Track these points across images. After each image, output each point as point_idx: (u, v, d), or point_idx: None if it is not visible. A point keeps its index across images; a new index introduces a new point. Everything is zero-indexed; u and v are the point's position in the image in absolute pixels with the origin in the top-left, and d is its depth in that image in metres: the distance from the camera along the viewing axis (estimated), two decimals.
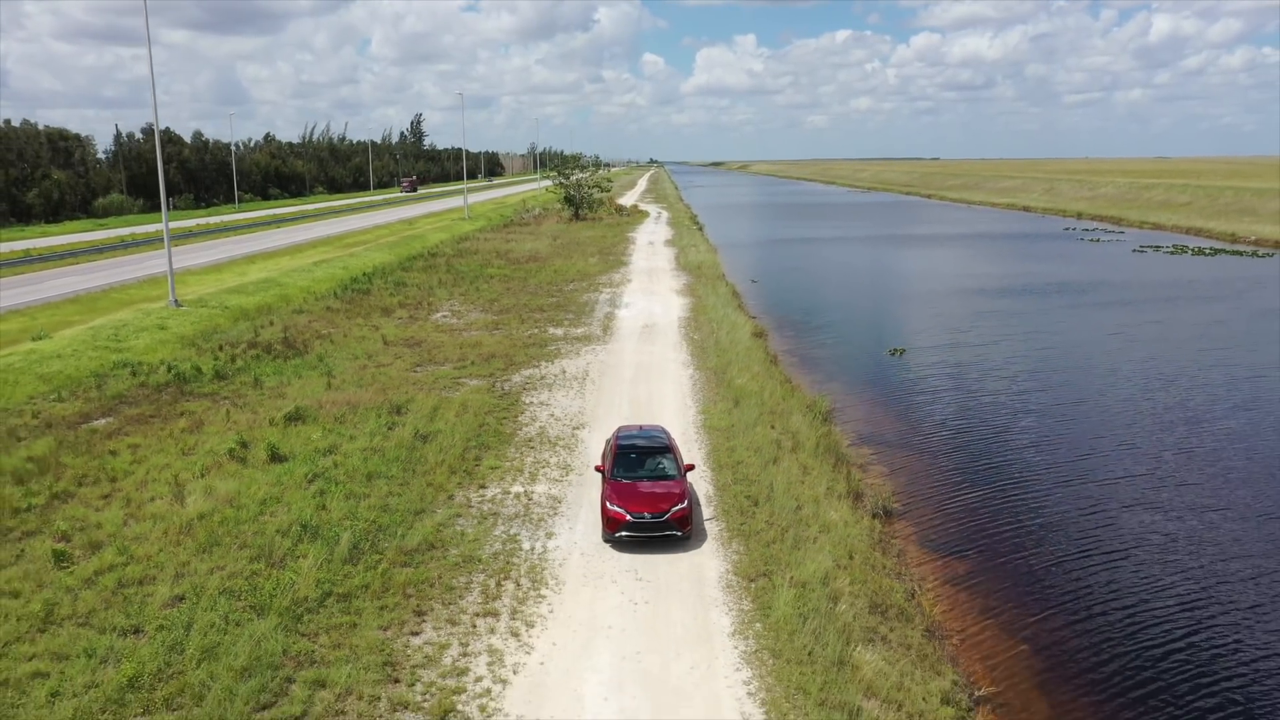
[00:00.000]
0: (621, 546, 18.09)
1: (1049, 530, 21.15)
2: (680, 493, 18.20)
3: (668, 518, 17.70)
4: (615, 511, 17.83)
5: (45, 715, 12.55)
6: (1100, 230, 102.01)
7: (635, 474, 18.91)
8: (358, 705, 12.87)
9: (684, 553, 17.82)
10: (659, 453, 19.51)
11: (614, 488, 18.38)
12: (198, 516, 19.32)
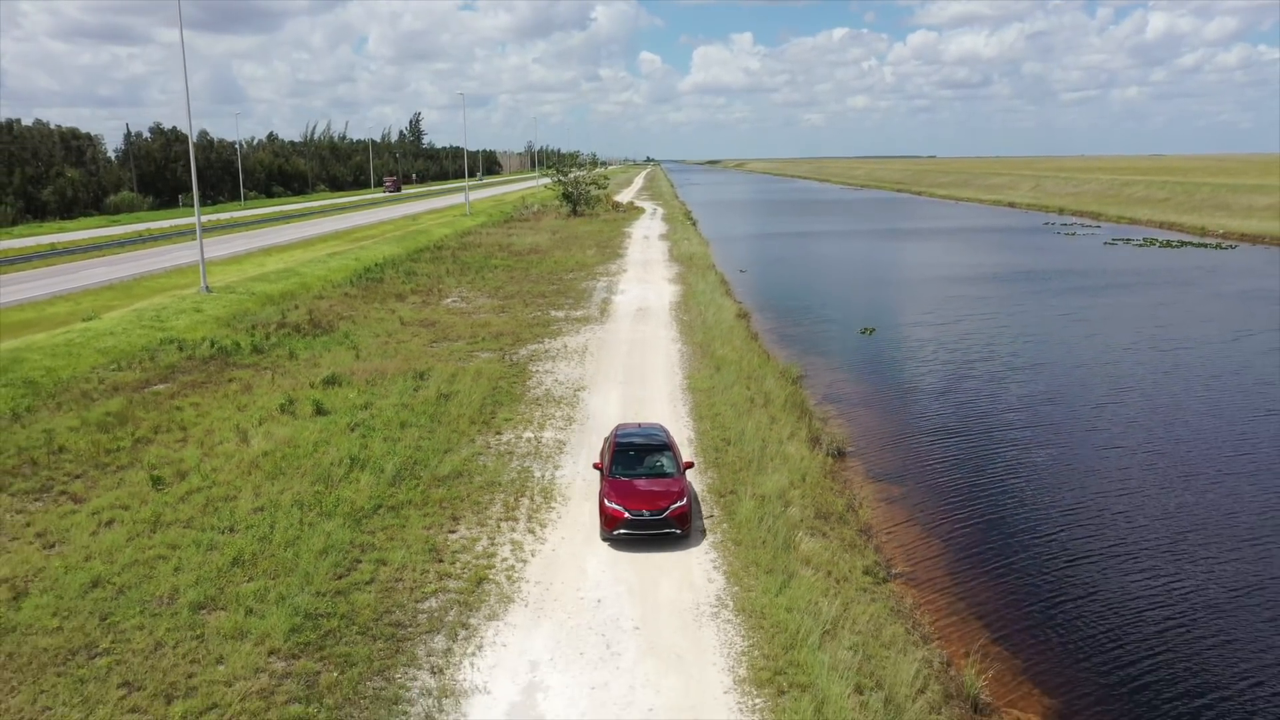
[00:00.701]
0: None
1: (977, 464, 25.15)
2: (679, 490, 18.12)
3: (666, 515, 17.60)
4: (613, 509, 17.73)
5: (174, 580, 16.39)
6: (1078, 225, 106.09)
7: (634, 471, 18.84)
8: (412, 575, 16.73)
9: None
10: (657, 450, 19.46)
11: (612, 485, 18.31)
12: (262, 454, 23.17)
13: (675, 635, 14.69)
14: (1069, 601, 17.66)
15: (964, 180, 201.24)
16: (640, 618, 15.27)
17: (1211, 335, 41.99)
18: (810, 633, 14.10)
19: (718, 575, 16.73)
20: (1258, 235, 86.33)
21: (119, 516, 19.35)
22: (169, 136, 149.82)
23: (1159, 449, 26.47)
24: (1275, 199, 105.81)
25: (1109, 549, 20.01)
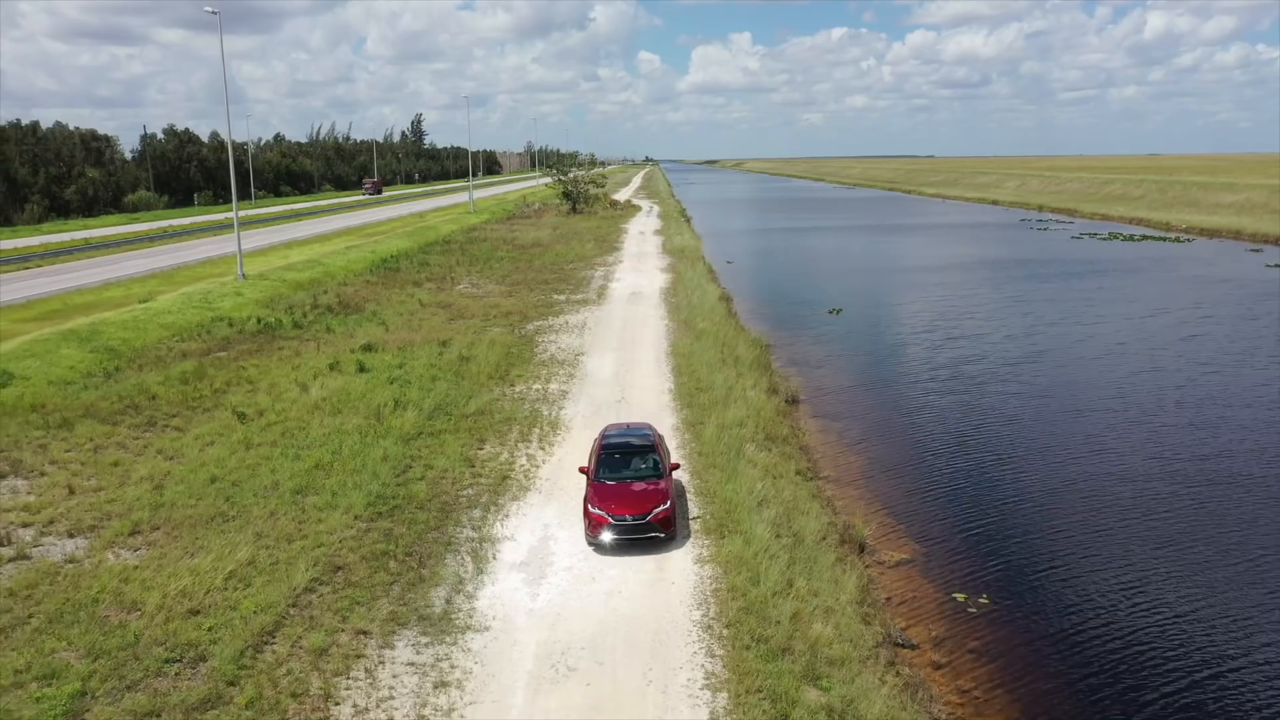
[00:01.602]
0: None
1: (904, 407, 30.73)
2: (663, 493, 18.06)
3: (649, 520, 17.58)
4: (597, 514, 17.74)
5: (274, 477, 21.68)
6: (1052, 220, 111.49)
7: (619, 475, 18.82)
8: (453, 473, 22.03)
9: (650, 413, 27.02)
10: (643, 452, 19.42)
11: (596, 490, 18.34)
12: (321, 399, 28.48)
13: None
14: (945, 487, 22.96)
15: (953, 179, 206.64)
16: None
17: (1131, 312, 47.58)
18: (746, 504, 19.41)
19: (684, 474, 22.05)
20: (1216, 229, 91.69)
21: (217, 440, 24.68)
22: (182, 138, 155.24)
23: (1046, 391, 31.95)
24: (1241, 196, 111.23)
25: (986, 454, 25.33)
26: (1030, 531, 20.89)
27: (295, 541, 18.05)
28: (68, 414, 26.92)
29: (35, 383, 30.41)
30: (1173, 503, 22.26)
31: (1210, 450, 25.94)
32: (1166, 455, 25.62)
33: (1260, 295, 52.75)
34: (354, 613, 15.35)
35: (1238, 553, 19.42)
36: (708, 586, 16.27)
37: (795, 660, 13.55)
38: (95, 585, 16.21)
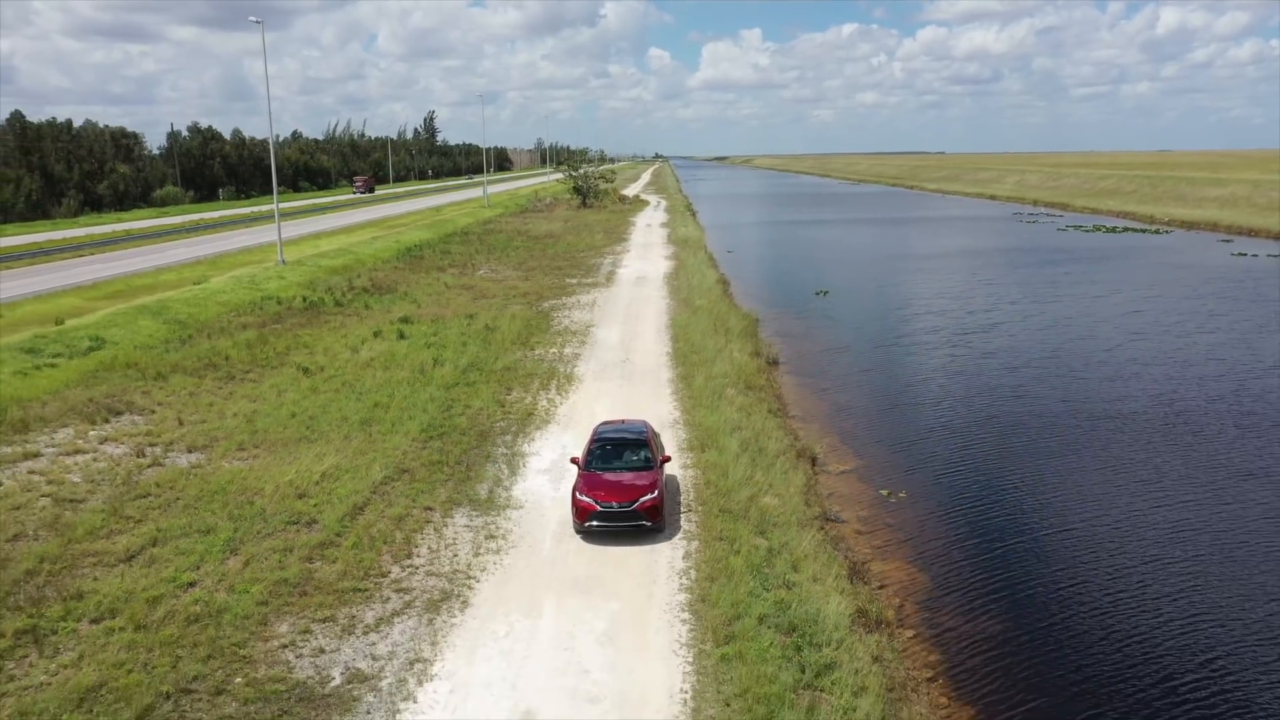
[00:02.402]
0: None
1: (870, 366, 35.41)
2: (651, 483, 18.14)
3: (635, 507, 17.67)
4: (584, 501, 17.89)
5: (343, 412, 26.67)
6: (1044, 215, 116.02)
7: (609, 465, 19.05)
8: (487, 411, 27.00)
9: (649, 369, 31.97)
10: (634, 445, 19.63)
11: (585, 479, 18.54)
12: (370, 359, 33.51)
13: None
14: (888, 422, 27.79)
15: (955, 175, 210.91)
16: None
17: (1087, 292, 52.56)
18: (723, 429, 24.33)
19: (677, 410, 27.01)
20: (1195, 222, 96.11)
21: (289, 388, 29.72)
22: (206, 135, 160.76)
23: (990, 353, 36.73)
24: (1226, 191, 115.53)
25: (926, 398, 30.17)
26: (947, 451, 26.02)
27: (368, 454, 23.06)
28: (160, 369, 32.03)
29: (124, 347, 35.57)
30: (1067, 431, 27.13)
31: (1116, 394, 31.09)
32: (1075, 400, 30.72)
33: (1209, 278, 57.50)
34: (420, 497, 20.34)
35: (1088, 455, 24.20)
36: (689, 480, 21.23)
37: (749, 522, 18.48)
38: (221, 480, 21.24)
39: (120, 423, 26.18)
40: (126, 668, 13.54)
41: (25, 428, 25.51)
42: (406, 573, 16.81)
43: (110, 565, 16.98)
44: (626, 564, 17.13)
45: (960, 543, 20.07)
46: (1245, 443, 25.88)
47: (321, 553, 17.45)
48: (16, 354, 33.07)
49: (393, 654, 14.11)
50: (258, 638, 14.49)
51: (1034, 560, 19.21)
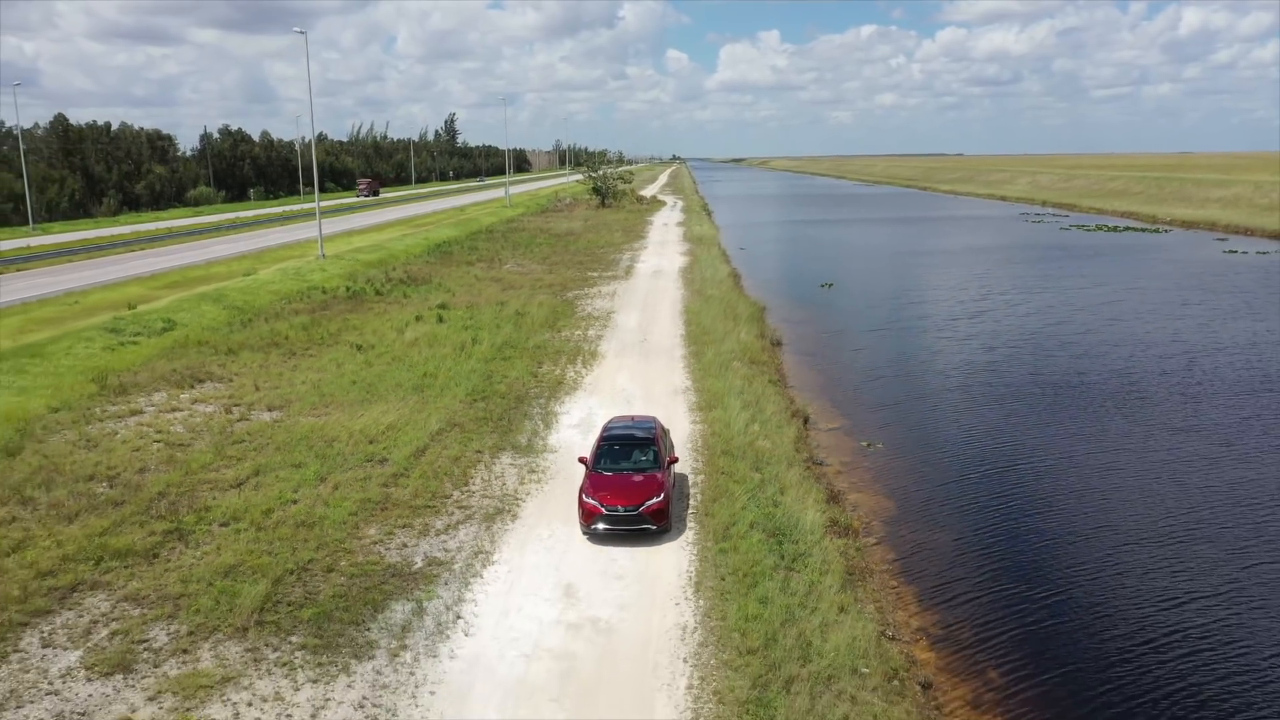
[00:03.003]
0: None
1: (865, 346, 39.01)
2: (657, 485, 18.14)
3: (641, 511, 17.69)
4: (590, 504, 17.96)
5: (397, 380, 30.58)
6: (1050, 215, 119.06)
7: (616, 466, 19.05)
8: (523, 380, 30.83)
9: (664, 348, 35.74)
10: (641, 445, 19.60)
11: (592, 480, 18.59)
12: (414, 339, 37.42)
13: (664, 397, 28.72)
14: (875, 390, 31.39)
15: (969, 176, 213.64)
16: (644, 396, 29.27)
17: (1074, 285, 56.07)
18: (728, 393, 28.06)
19: (688, 380, 30.78)
20: (1194, 222, 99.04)
21: (345, 362, 33.66)
22: (236, 137, 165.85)
23: (972, 335, 40.27)
24: (1230, 192, 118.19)
25: (909, 369, 33.77)
26: (921, 414, 30.03)
27: (424, 411, 26.94)
28: (229, 346, 36.08)
29: (193, 328, 39.67)
30: (1029, 397, 30.71)
31: (1079, 368, 34.92)
32: (1041, 373, 34.57)
33: (1192, 273, 60.87)
34: (471, 443, 24.18)
35: (1046, 416, 27.72)
36: (698, 432, 25.00)
37: (746, 460, 22.21)
38: (301, 430, 25.15)
39: (204, 388, 30.20)
40: (255, 554, 17.43)
41: (124, 391, 29.57)
42: (465, 496, 20.65)
43: (224, 489, 20.89)
44: None
45: (923, 481, 23.83)
46: (1184, 407, 29.50)
47: (394, 481, 21.32)
48: (103, 333, 37.23)
49: (460, 548, 17.94)
50: (353, 537, 18.34)
51: (982, 491, 22.96)
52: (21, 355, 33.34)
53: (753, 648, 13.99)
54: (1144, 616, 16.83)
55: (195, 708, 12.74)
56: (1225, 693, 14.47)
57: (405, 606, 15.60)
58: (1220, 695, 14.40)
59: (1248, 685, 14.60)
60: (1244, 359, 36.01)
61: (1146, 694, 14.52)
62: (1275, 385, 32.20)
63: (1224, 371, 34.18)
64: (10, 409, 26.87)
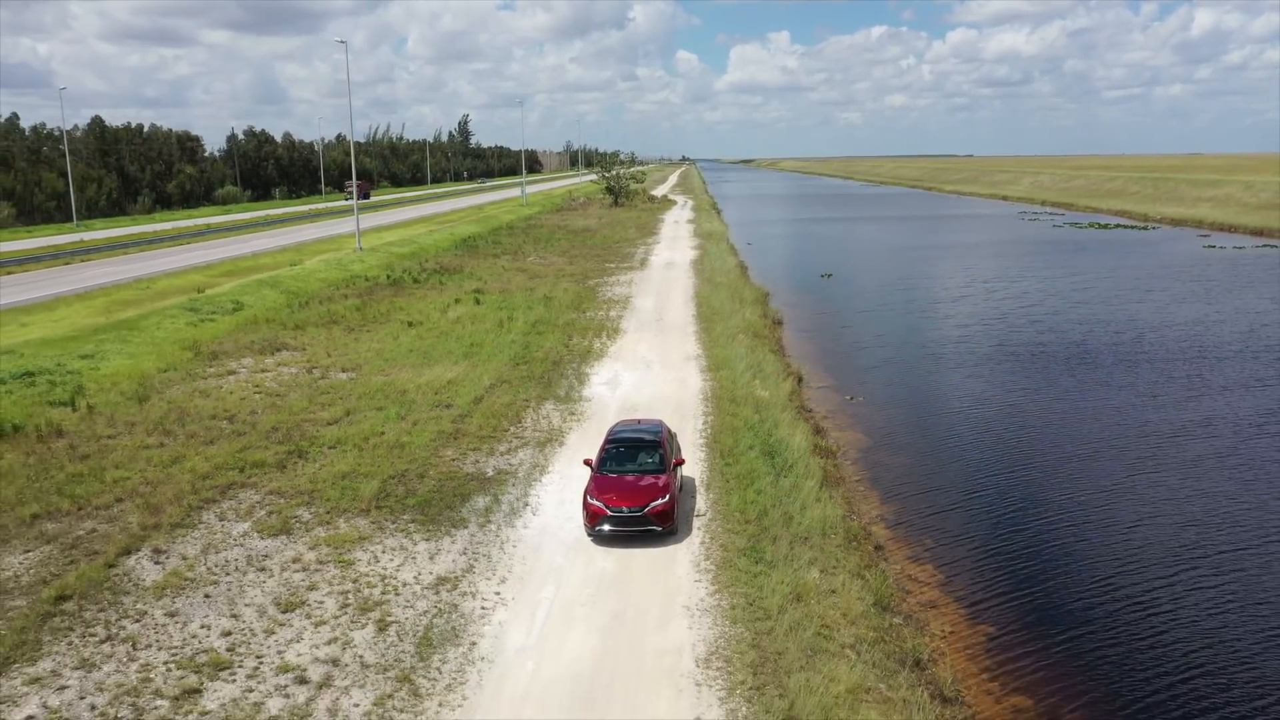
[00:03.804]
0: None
1: (860, 331, 43.78)
2: (662, 487, 18.14)
3: (646, 513, 17.68)
4: (595, 506, 17.93)
5: (448, 350, 35.48)
6: (1047, 214, 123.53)
7: (621, 468, 19.07)
8: (556, 349, 35.72)
9: (678, 325, 40.59)
10: (647, 447, 19.57)
11: (597, 482, 18.58)
12: (456, 318, 42.36)
13: (677, 363, 33.56)
14: (859, 355, 36.13)
15: (973, 177, 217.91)
16: (661, 361, 34.12)
17: (1053, 274, 60.76)
18: (733, 360, 32.87)
19: (699, 349, 35.64)
20: (1183, 220, 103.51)
21: (400, 335, 38.60)
22: (260, 138, 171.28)
23: (949, 315, 45.00)
24: (1221, 192, 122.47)
25: (891, 340, 38.51)
26: (898, 376, 34.87)
27: (476, 370, 31.85)
28: (295, 323, 41.08)
29: (257, 309, 44.68)
30: (992, 362, 35.45)
31: (1041, 340, 40.17)
32: (1006, 344, 39.65)
33: (1166, 265, 65.68)
34: (519, 394, 29.05)
35: (1006, 377, 32.42)
36: (706, 387, 29.85)
37: (747, 405, 27.03)
38: (375, 384, 30.07)
39: (282, 355, 35.18)
40: (363, 465, 22.33)
41: (216, 357, 34.58)
42: (520, 430, 25.55)
43: (323, 425, 25.80)
44: None
45: (892, 423, 28.86)
46: (1124, 369, 34.45)
47: (461, 420, 26.22)
48: (184, 311, 42.28)
49: (522, 463, 22.82)
50: (435, 456, 23.23)
51: (939, 430, 28.19)
52: (120, 329, 38.39)
53: (749, 519, 18.83)
54: (1051, 496, 21.62)
55: (345, 553, 17.63)
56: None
57: (485, 498, 20.48)
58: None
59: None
60: (1184, 334, 40.94)
61: (1057, 576, 19.27)
62: (1206, 354, 37.00)
63: (1165, 343, 39.05)
64: (129, 369, 31.92)
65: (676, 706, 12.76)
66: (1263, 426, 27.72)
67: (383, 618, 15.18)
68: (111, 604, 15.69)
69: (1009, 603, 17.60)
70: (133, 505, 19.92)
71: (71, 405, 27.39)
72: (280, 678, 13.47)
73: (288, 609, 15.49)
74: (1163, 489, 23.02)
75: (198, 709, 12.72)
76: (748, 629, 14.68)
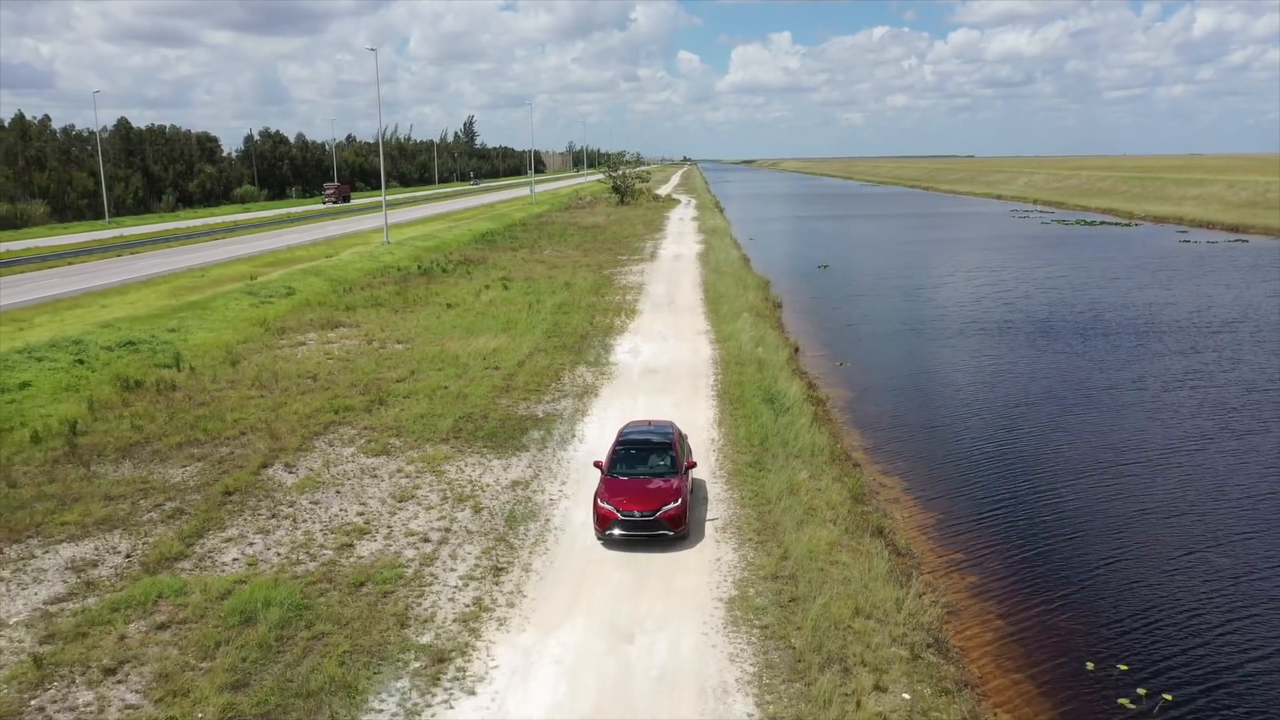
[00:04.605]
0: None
1: (851, 312, 48.58)
2: (675, 490, 17.90)
3: (658, 516, 17.44)
4: (605, 509, 17.67)
5: (488, 325, 40.32)
6: (1037, 211, 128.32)
7: (632, 470, 18.80)
8: (582, 325, 40.51)
9: (687, 306, 45.41)
10: (658, 449, 19.27)
11: (607, 484, 18.33)
12: (489, 301, 47.19)
13: (688, 336, 38.38)
14: (848, 329, 40.88)
15: (970, 177, 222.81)
16: (674, 335, 38.91)
17: (1030, 264, 65.56)
18: (738, 333, 37.68)
19: (707, 325, 40.47)
20: (1165, 217, 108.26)
21: (441, 314, 43.41)
22: (275, 139, 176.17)
23: (930, 298, 49.77)
24: (1204, 190, 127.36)
25: (877, 318, 43.29)
26: (880, 347, 39.87)
27: (515, 342, 36.68)
28: (345, 305, 45.91)
29: (308, 293, 49.51)
30: (965, 333, 40.24)
31: (1007, 317, 45.09)
32: (977, 320, 44.77)
33: (1137, 257, 70.68)
34: (555, 359, 33.86)
35: (976, 346, 37.18)
36: (715, 354, 34.67)
37: (751, 365, 31.81)
38: (430, 352, 34.86)
39: (341, 330, 40.01)
40: (435, 408, 27.14)
41: (284, 331, 39.42)
42: (560, 385, 30.37)
43: (392, 381, 30.61)
44: (680, 382, 30.60)
45: (874, 382, 33.93)
46: (1079, 342, 39.46)
47: (510, 377, 31.05)
48: (243, 295, 47.11)
49: (565, 409, 27.62)
50: (493, 403, 28.02)
51: (915, 386, 33.23)
52: (193, 309, 43.23)
53: (753, 444, 23.65)
54: (997, 429, 26.43)
55: (436, 466, 22.44)
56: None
57: (539, 432, 25.30)
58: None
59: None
60: (1138, 313, 46.05)
61: (991, 478, 24.06)
62: (1152, 329, 42.06)
63: (1118, 319, 44.06)
64: (212, 340, 36.80)
65: (703, 552, 17.57)
66: (1185, 381, 32.78)
67: (476, 505, 20.00)
68: (266, 496, 20.52)
69: (955, 499, 22.50)
70: (256, 436, 24.76)
71: (176, 366, 32.25)
72: (408, 538, 18.28)
73: (402, 499, 20.31)
74: (1090, 424, 28.26)
75: (354, 555, 17.53)
76: (753, 510, 19.50)
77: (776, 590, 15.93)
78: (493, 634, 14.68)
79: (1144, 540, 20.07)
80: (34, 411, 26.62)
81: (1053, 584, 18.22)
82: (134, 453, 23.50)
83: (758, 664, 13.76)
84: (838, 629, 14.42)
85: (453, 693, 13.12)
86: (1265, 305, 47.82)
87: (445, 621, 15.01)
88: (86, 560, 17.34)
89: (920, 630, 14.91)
